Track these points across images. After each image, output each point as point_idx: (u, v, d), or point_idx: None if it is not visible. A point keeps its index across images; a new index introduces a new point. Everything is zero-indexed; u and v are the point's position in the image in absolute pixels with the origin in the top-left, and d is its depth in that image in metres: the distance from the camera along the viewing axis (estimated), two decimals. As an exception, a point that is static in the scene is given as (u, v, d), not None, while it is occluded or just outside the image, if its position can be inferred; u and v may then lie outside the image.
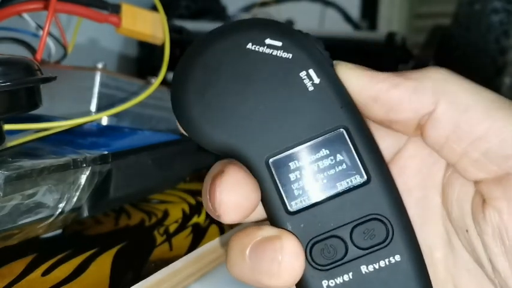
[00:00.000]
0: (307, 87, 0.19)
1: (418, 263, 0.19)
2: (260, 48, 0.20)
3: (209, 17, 0.90)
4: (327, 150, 0.19)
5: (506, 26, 0.80)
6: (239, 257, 0.19)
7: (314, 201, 0.19)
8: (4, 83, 0.26)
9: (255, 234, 0.19)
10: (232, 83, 0.20)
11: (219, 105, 0.20)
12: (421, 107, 0.19)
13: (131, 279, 0.28)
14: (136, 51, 0.84)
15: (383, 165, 0.20)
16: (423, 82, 0.19)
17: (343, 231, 0.19)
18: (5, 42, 0.41)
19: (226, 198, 0.19)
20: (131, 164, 0.37)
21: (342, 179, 0.19)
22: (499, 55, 0.81)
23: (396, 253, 0.19)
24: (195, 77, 0.20)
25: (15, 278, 0.28)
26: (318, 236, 0.19)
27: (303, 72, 0.19)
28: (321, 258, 0.19)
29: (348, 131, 0.19)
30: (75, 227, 0.35)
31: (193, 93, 0.20)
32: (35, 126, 0.33)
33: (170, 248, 0.33)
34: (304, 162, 0.19)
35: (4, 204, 0.27)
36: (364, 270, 0.19)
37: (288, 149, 0.19)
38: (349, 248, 0.19)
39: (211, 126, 0.20)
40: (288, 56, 0.19)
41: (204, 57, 0.20)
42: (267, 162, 0.19)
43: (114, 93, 0.41)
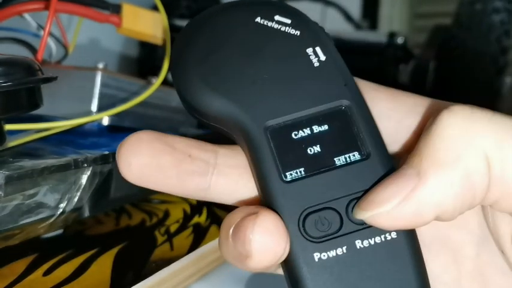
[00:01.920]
0: (313, 63, 0.19)
1: (413, 241, 0.19)
2: (269, 23, 0.20)
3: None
4: (327, 124, 0.19)
5: (507, 26, 0.80)
6: (225, 237, 0.18)
7: (310, 173, 0.19)
8: (5, 83, 0.26)
9: (242, 212, 0.18)
10: (238, 51, 0.19)
11: (221, 70, 0.19)
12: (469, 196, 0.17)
13: (132, 279, 0.28)
14: (137, 51, 0.84)
15: (382, 143, 0.19)
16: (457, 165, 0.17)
17: (339, 203, 0.19)
18: (5, 42, 0.41)
19: (121, 152, 0.19)
20: (132, 164, 0.37)
21: (341, 154, 0.19)
22: (500, 55, 0.80)
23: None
24: (200, 40, 0.20)
25: (16, 278, 0.28)
26: (312, 206, 0.19)
27: (310, 48, 0.19)
28: (314, 230, 0.18)
29: (350, 108, 0.19)
30: (76, 227, 0.35)
31: (195, 56, 0.19)
32: (36, 126, 0.33)
33: (171, 248, 0.33)
34: (304, 133, 0.19)
35: (5, 204, 0.27)
36: (358, 245, 0.18)
37: (288, 118, 0.19)
38: (344, 221, 0.18)
39: (211, 89, 0.19)
40: (296, 32, 0.20)
41: (211, 24, 0.20)
42: (265, 129, 0.19)
43: (115, 93, 0.41)
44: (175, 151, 0.19)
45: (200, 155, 0.20)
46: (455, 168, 0.17)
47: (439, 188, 0.17)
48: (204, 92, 0.19)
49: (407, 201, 0.17)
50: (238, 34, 0.20)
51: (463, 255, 0.20)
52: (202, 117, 0.20)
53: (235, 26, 0.20)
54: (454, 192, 0.17)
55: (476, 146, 0.17)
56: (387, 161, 0.19)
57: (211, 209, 0.40)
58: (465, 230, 0.20)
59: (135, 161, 0.19)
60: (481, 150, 0.17)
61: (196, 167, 0.20)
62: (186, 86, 0.20)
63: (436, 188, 0.17)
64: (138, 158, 0.19)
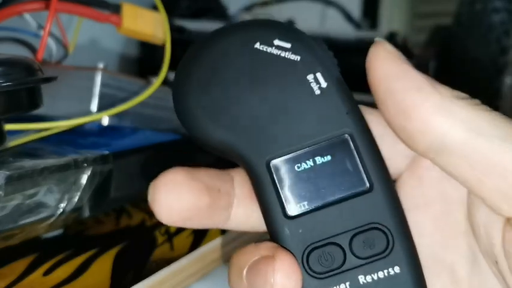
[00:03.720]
0: (314, 90, 0.19)
1: (417, 275, 0.19)
2: (268, 49, 0.19)
3: (210, 17, 0.90)
4: (329, 156, 0.19)
5: (507, 26, 0.80)
6: (238, 277, 0.19)
7: (314, 207, 0.19)
8: (5, 83, 0.26)
9: (253, 253, 0.18)
10: (238, 81, 0.19)
11: (221, 101, 0.19)
12: (433, 122, 0.18)
13: (132, 279, 0.28)
14: (137, 51, 0.84)
15: (386, 174, 0.19)
16: (444, 97, 0.18)
17: (342, 239, 0.19)
18: (5, 42, 0.41)
19: (155, 198, 0.19)
20: (132, 163, 0.37)
21: (344, 186, 0.19)
22: (499, 55, 0.80)
23: (396, 264, 0.18)
24: (200, 72, 0.19)
25: (16, 277, 0.28)
26: (316, 242, 0.19)
27: (311, 75, 0.19)
28: (318, 265, 0.18)
29: (352, 137, 0.19)
30: (76, 227, 0.35)
31: (196, 88, 0.19)
32: (36, 126, 0.33)
33: (171, 248, 0.33)
34: (306, 167, 0.19)
35: (5, 204, 0.27)
36: (361, 281, 0.18)
37: (290, 151, 0.19)
38: (347, 256, 0.18)
39: (213, 123, 0.19)
40: (296, 58, 0.19)
41: (210, 53, 0.19)
42: (267, 164, 0.19)
43: (115, 93, 0.41)
44: (210, 189, 0.19)
45: (225, 188, 0.20)
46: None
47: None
48: (205, 124, 0.19)
49: None
50: (238, 62, 0.19)
51: (458, 276, 0.20)
52: (205, 148, 0.20)
53: (235, 54, 0.19)
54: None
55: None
56: (390, 193, 0.19)
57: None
58: (456, 251, 0.20)
59: (176, 204, 0.19)
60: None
61: (223, 202, 0.20)
62: (187, 118, 0.19)
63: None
64: (180, 202, 0.19)
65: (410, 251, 0.19)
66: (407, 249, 0.19)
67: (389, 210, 0.19)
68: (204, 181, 0.19)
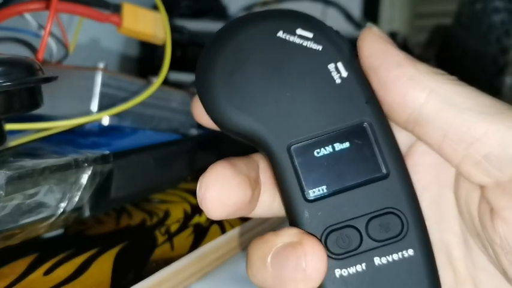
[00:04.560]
0: (335, 79, 0.20)
1: (429, 259, 0.19)
2: (291, 38, 0.20)
3: (210, 17, 0.90)
4: (348, 142, 0.20)
5: (507, 26, 0.80)
6: (261, 265, 0.19)
7: (332, 191, 0.19)
8: (5, 83, 0.26)
9: (275, 241, 0.19)
10: (260, 68, 0.20)
11: (245, 88, 0.20)
12: (410, 95, 0.19)
13: (132, 279, 0.28)
14: (138, 51, 0.84)
15: (402, 161, 0.20)
16: (422, 74, 0.19)
17: (359, 222, 0.19)
18: (6, 42, 0.41)
19: (206, 194, 0.19)
20: (132, 163, 0.37)
21: (362, 172, 0.19)
22: (500, 55, 0.80)
23: (410, 247, 0.19)
24: (223, 58, 0.20)
25: (17, 277, 0.28)
26: (334, 225, 0.19)
27: (332, 64, 0.20)
28: (336, 247, 0.19)
29: (371, 126, 0.19)
30: (76, 227, 0.35)
31: (220, 74, 0.20)
32: (36, 126, 0.33)
33: (171, 248, 0.33)
34: (326, 152, 0.20)
35: (6, 204, 0.27)
36: (377, 262, 0.19)
37: (311, 137, 0.20)
38: (364, 239, 0.19)
39: (236, 108, 0.20)
40: (318, 47, 0.20)
41: (234, 41, 0.20)
42: (288, 148, 0.19)
43: (116, 93, 0.41)
44: (250, 181, 0.20)
45: (256, 177, 0.21)
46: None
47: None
48: (228, 109, 0.20)
49: None
50: (261, 50, 0.20)
51: (454, 257, 0.21)
52: (228, 133, 0.20)
53: (258, 42, 0.20)
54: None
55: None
56: (406, 179, 0.20)
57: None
58: (450, 233, 0.21)
59: (228, 200, 0.19)
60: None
61: (257, 191, 0.20)
62: (210, 103, 0.20)
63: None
64: (231, 198, 0.19)
65: (424, 235, 0.19)
66: (420, 233, 0.19)
67: (404, 196, 0.19)
68: (245, 173, 0.20)
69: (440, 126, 0.19)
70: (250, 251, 0.20)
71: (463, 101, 0.19)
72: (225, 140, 0.49)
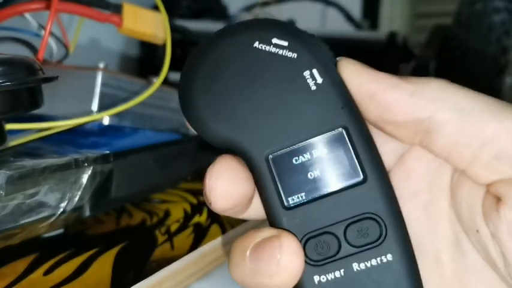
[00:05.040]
0: (310, 86, 0.20)
1: (409, 263, 0.19)
2: (267, 47, 0.20)
3: (210, 17, 0.90)
4: (325, 149, 0.20)
5: (507, 26, 0.80)
6: (240, 259, 0.19)
7: (310, 198, 0.20)
8: (6, 83, 0.26)
9: (255, 236, 0.19)
10: (238, 80, 0.20)
11: (224, 101, 0.20)
12: (417, 110, 0.19)
13: (132, 279, 0.28)
14: (138, 51, 0.84)
15: (380, 165, 0.20)
16: (422, 87, 0.19)
17: (337, 228, 0.19)
18: (6, 42, 0.41)
19: (216, 184, 0.19)
20: (133, 163, 0.37)
21: (339, 178, 0.20)
22: (500, 55, 0.80)
23: (388, 252, 0.19)
24: (203, 72, 0.20)
25: (17, 277, 0.28)
26: (312, 231, 0.19)
27: (307, 71, 0.20)
28: (314, 253, 0.19)
29: (347, 131, 0.20)
30: (76, 227, 0.35)
31: (200, 88, 0.20)
32: (37, 125, 0.33)
33: (171, 248, 0.33)
34: (303, 160, 0.20)
35: (6, 203, 0.27)
36: (355, 268, 0.19)
37: (288, 146, 0.20)
38: (342, 245, 0.19)
39: (216, 121, 0.20)
40: (293, 55, 0.20)
41: (212, 54, 0.20)
42: (266, 158, 0.20)
43: (116, 93, 0.41)
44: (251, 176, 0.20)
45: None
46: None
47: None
48: (208, 121, 0.20)
49: None
50: (238, 61, 0.20)
51: (442, 262, 0.21)
52: (209, 142, 0.21)
53: (235, 53, 0.20)
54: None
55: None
56: (384, 183, 0.20)
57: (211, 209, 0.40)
58: (441, 237, 0.21)
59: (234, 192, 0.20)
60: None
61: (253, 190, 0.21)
62: (192, 116, 0.20)
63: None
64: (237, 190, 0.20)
65: (403, 239, 0.19)
66: (400, 237, 0.19)
67: (382, 200, 0.19)
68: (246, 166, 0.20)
69: (451, 133, 0.19)
70: (233, 246, 0.20)
71: (469, 103, 0.19)
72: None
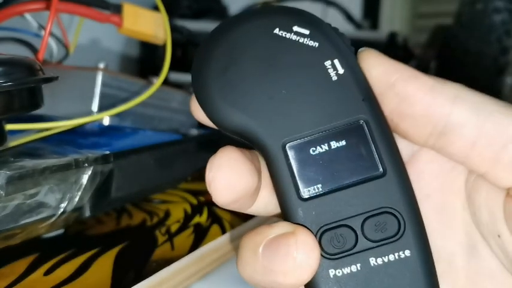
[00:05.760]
0: (331, 76, 0.19)
1: (427, 260, 0.19)
2: (287, 35, 0.19)
3: (211, 17, 0.90)
4: (344, 140, 0.19)
5: (508, 26, 0.80)
6: (251, 256, 0.19)
7: (327, 190, 0.19)
8: (6, 83, 0.26)
9: (268, 232, 0.19)
10: (256, 65, 0.19)
11: (240, 85, 0.19)
12: (435, 105, 0.18)
13: (133, 279, 0.28)
14: (138, 51, 0.84)
15: (399, 160, 0.19)
16: (442, 83, 0.19)
17: (354, 221, 0.19)
18: (6, 42, 0.41)
19: (216, 176, 0.19)
20: (133, 163, 0.37)
21: (358, 170, 0.19)
22: (500, 55, 0.80)
23: (406, 248, 0.19)
24: (219, 54, 0.20)
25: (17, 277, 0.28)
26: (329, 224, 0.19)
27: (328, 61, 0.19)
28: (330, 246, 0.19)
29: (367, 124, 0.19)
30: (77, 227, 0.35)
31: (215, 70, 0.19)
32: (37, 126, 0.33)
33: (172, 248, 0.33)
34: (321, 150, 0.19)
35: (6, 204, 0.27)
36: (372, 263, 0.19)
37: (306, 135, 0.19)
38: (359, 238, 0.19)
39: (230, 105, 0.19)
40: (315, 44, 0.19)
41: (230, 37, 0.20)
42: (283, 146, 0.19)
43: (116, 93, 0.41)
44: (257, 170, 0.20)
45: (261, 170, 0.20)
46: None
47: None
48: (223, 107, 0.19)
49: None
50: (257, 47, 0.19)
51: (455, 266, 0.20)
52: (222, 130, 0.20)
53: (254, 38, 0.20)
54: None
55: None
56: (403, 179, 0.19)
57: (211, 209, 0.40)
58: (454, 241, 0.20)
59: (236, 183, 0.19)
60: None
61: (259, 184, 0.20)
62: (205, 101, 0.20)
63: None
64: (240, 181, 0.19)
65: (421, 235, 0.19)
66: (418, 233, 0.19)
67: (401, 195, 0.19)
68: (252, 161, 0.19)
69: (470, 134, 0.18)
70: (242, 242, 0.19)
71: (489, 105, 0.18)
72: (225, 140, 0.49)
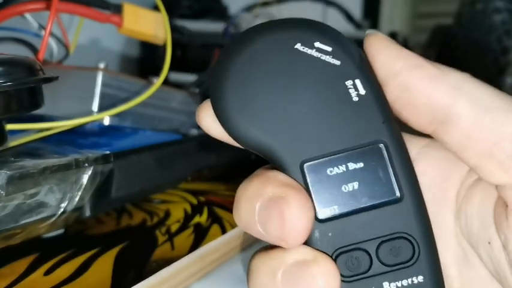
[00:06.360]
0: (352, 97, 0.19)
1: (439, 286, 0.19)
2: (309, 51, 0.19)
3: (211, 17, 0.90)
4: (363, 163, 0.19)
5: (508, 26, 0.80)
6: (268, 282, 0.19)
7: (344, 212, 0.19)
8: (6, 83, 0.26)
9: (284, 258, 0.19)
10: (276, 80, 0.19)
11: (259, 101, 0.19)
12: (436, 95, 0.18)
13: (133, 279, 0.28)
14: (138, 51, 0.84)
15: (416, 184, 0.19)
16: (445, 73, 0.19)
17: (369, 245, 0.19)
18: (7, 42, 0.41)
19: (296, 222, 0.18)
20: (133, 163, 0.37)
21: (375, 194, 0.19)
22: (501, 55, 0.80)
23: (420, 274, 0.19)
24: (238, 68, 0.19)
25: (17, 277, 0.28)
26: (344, 246, 0.19)
27: (350, 81, 0.19)
28: (345, 269, 0.19)
29: (386, 147, 0.19)
30: (77, 227, 0.35)
31: (234, 86, 0.19)
32: (37, 126, 0.33)
33: (172, 248, 0.33)
34: (339, 172, 0.19)
35: (6, 203, 0.27)
36: (386, 287, 0.19)
37: (325, 156, 0.19)
38: (373, 262, 0.19)
39: (249, 121, 0.19)
40: (337, 62, 0.19)
41: (250, 50, 0.19)
42: (301, 166, 0.19)
43: (116, 93, 0.41)
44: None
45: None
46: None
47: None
48: (241, 122, 0.19)
49: None
50: (277, 62, 0.19)
51: (449, 276, 0.20)
52: (241, 145, 0.20)
53: (275, 53, 0.19)
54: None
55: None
56: (420, 204, 0.19)
57: (212, 209, 0.40)
58: (447, 252, 0.20)
59: (307, 224, 0.19)
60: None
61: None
62: (223, 114, 0.19)
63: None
64: (308, 220, 0.19)
65: (435, 262, 0.19)
66: (432, 260, 0.19)
67: (417, 221, 0.19)
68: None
69: (467, 127, 0.18)
70: (254, 265, 0.19)
71: (490, 99, 0.18)
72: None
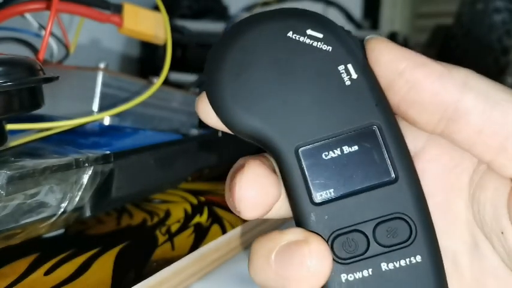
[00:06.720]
0: (344, 81, 0.19)
1: (437, 265, 0.19)
2: (300, 38, 0.19)
3: (211, 17, 0.90)
4: (357, 145, 0.19)
5: (508, 26, 0.80)
6: (264, 263, 0.19)
7: (340, 195, 0.19)
8: (6, 83, 0.26)
9: (280, 239, 0.19)
10: (269, 68, 0.19)
11: (253, 89, 0.19)
12: (444, 92, 0.19)
13: (133, 279, 0.28)
14: (139, 51, 0.84)
15: (411, 165, 0.19)
16: (451, 70, 0.19)
17: (366, 226, 0.19)
18: (7, 42, 0.41)
19: (246, 194, 0.19)
20: (133, 163, 0.37)
21: (370, 175, 0.19)
22: (501, 55, 0.80)
23: (417, 254, 0.19)
24: (232, 57, 0.19)
25: (17, 277, 0.28)
26: (341, 229, 0.19)
27: (342, 66, 0.19)
28: (342, 251, 0.19)
29: (380, 129, 0.19)
30: (77, 227, 0.35)
31: (228, 74, 0.19)
32: (37, 126, 0.33)
33: (172, 248, 0.33)
34: (334, 155, 0.19)
35: (6, 203, 0.27)
36: (384, 268, 0.19)
37: (319, 140, 0.19)
38: (371, 244, 0.19)
39: (243, 108, 0.19)
40: (328, 48, 0.19)
41: (243, 40, 0.20)
42: (296, 151, 0.19)
43: (116, 93, 0.41)
44: (278, 179, 0.20)
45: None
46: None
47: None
48: (235, 110, 0.19)
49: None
50: (270, 50, 0.19)
51: (460, 265, 0.20)
52: (235, 133, 0.20)
53: (267, 41, 0.19)
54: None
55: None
56: (415, 184, 0.19)
57: (212, 209, 0.40)
58: (458, 240, 0.20)
59: (263, 201, 0.19)
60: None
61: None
62: (218, 104, 0.20)
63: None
64: (266, 198, 0.19)
65: (432, 241, 0.19)
66: (429, 239, 0.19)
67: (413, 201, 0.19)
68: (273, 170, 0.20)
69: (476, 121, 0.18)
70: (253, 248, 0.19)
71: (497, 93, 0.18)
72: (225, 141, 0.49)
